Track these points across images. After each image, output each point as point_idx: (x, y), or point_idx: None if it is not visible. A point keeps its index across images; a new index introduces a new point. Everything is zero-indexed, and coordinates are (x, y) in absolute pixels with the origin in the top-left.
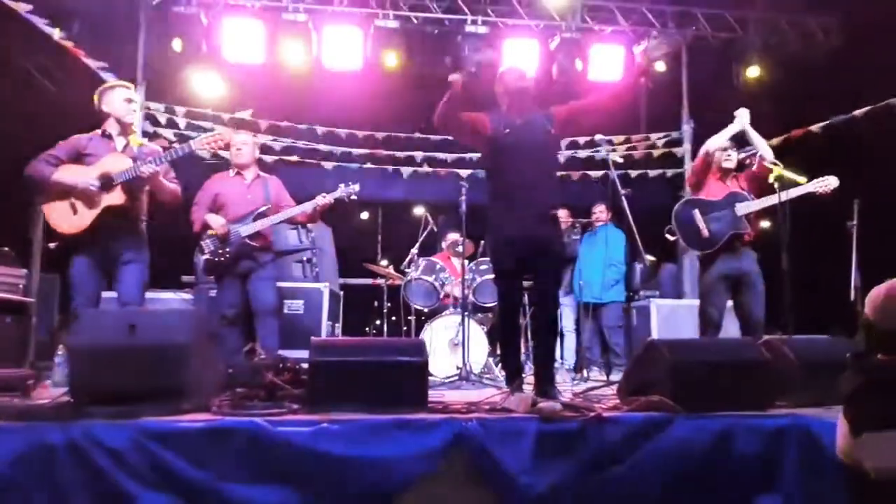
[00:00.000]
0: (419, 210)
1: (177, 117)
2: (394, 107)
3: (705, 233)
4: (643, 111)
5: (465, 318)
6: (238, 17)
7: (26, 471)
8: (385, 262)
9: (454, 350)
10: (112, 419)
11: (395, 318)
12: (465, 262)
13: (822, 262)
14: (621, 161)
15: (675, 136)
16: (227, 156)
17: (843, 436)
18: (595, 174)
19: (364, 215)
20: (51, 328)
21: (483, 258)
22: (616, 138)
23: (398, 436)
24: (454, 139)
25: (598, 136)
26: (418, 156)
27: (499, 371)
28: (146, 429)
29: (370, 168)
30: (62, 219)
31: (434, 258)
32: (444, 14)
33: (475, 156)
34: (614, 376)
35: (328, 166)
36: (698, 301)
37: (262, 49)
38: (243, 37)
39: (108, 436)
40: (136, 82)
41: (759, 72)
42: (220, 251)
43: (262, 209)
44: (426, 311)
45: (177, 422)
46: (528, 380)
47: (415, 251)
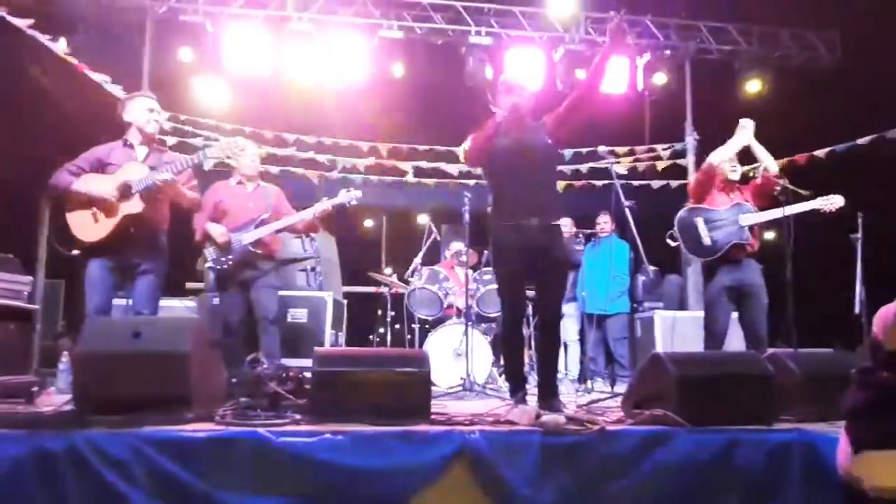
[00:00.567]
0: (423, 219)
1: (182, 126)
2: (398, 116)
3: (707, 240)
4: (647, 122)
5: (469, 328)
6: (243, 24)
7: (28, 479)
8: (389, 271)
9: (457, 360)
10: (115, 428)
11: (398, 327)
12: (469, 271)
13: (824, 275)
14: (625, 172)
15: (679, 147)
16: (233, 164)
17: (843, 452)
18: (599, 183)
19: (368, 224)
20: (55, 335)
21: (486, 268)
22: (620, 149)
23: (401, 447)
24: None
25: (602, 148)
26: (422, 165)
27: (502, 381)
28: (148, 438)
29: (374, 177)
30: (84, 227)
31: (437, 267)
32: (447, 25)
33: None
34: (619, 388)
35: (333, 176)
36: (703, 312)
37: (268, 59)
38: (249, 47)
39: (110, 445)
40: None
41: (761, 84)
42: (223, 259)
43: (262, 217)
44: (430, 320)
45: (179, 431)
46: (533, 391)
47: (418, 260)
